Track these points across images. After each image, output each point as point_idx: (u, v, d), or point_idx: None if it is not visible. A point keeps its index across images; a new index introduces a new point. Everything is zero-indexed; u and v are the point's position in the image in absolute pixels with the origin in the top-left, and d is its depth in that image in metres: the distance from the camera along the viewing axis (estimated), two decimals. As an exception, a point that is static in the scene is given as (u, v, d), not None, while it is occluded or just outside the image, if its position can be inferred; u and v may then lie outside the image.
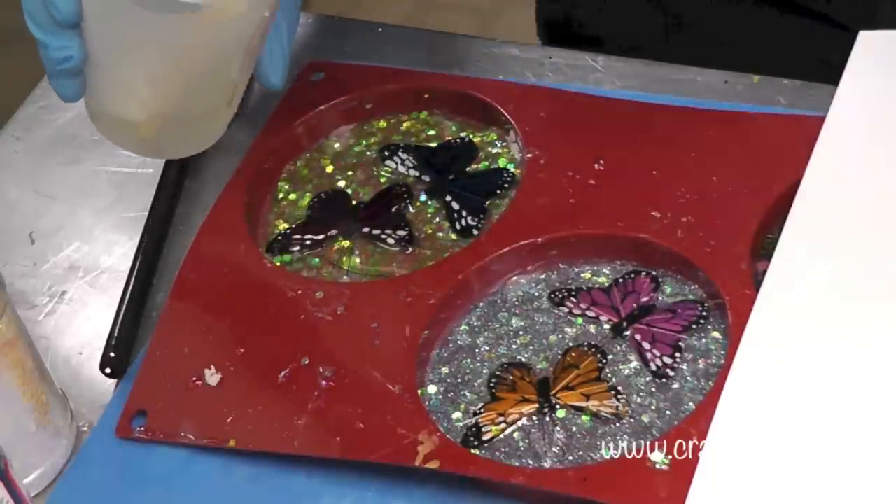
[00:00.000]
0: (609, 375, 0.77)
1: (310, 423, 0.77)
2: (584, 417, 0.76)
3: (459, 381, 0.79)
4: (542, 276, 0.83)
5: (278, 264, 0.87)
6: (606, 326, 0.80)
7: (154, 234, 0.91)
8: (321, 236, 0.88)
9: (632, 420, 0.75)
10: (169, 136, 0.86)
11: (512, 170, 0.89)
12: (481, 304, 0.82)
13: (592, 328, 0.80)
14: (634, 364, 0.78)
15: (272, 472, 0.78)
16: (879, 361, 0.73)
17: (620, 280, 0.82)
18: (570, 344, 0.79)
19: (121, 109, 0.83)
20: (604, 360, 0.78)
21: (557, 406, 0.76)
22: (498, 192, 0.88)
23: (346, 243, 0.88)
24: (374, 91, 0.94)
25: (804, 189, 0.81)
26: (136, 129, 0.83)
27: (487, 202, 0.88)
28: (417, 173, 0.91)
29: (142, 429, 0.80)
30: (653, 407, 0.75)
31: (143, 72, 0.81)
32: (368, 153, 0.93)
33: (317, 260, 0.87)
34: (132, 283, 0.88)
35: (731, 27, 1.02)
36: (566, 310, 0.81)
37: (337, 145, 0.94)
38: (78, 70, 0.80)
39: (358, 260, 0.87)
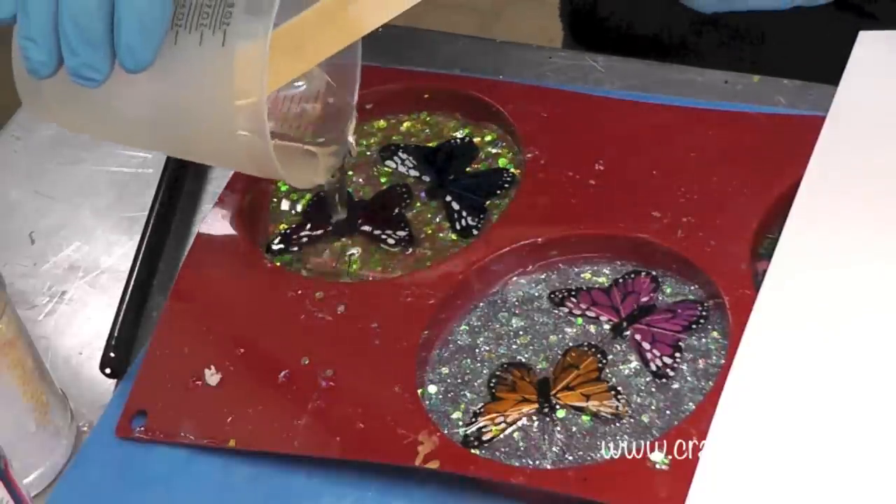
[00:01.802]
0: (609, 375, 0.77)
1: (310, 424, 0.77)
2: (584, 417, 0.76)
3: (459, 381, 0.79)
4: (542, 276, 0.83)
5: (278, 264, 0.87)
6: (606, 326, 0.80)
7: (154, 234, 0.91)
8: (321, 235, 0.88)
9: (632, 420, 0.75)
10: None
11: (512, 170, 0.89)
12: (481, 304, 0.82)
13: (592, 328, 0.80)
14: (634, 364, 0.78)
15: (272, 472, 0.77)
16: (879, 361, 0.73)
17: (620, 280, 0.82)
18: (570, 344, 0.79)
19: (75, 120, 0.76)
20: (604, 360, 0.78)
21: (557, 406, 0.76)
22: (498, 192, 0.88)
23: (346, 243, 0.88)
24: (374, 91, 0.94)
25: (804, 189, 0.81)
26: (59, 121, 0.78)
27: (487, 202, 0.88)
28: (417, 173, 0.91)
29: (142, 429, 0.80)
30: (653, 407, 0.75)
31: (153, 136, 0.75)
32: (368, 153, 0.93)
33: (317, 260, 0.87)
34: (132, 283, 0.88)
35: (760, 22, 1.00)
36: (566, 310, 0.81)
37: (337, 145, 0.94)
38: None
39: (358, 260, 0.87)
